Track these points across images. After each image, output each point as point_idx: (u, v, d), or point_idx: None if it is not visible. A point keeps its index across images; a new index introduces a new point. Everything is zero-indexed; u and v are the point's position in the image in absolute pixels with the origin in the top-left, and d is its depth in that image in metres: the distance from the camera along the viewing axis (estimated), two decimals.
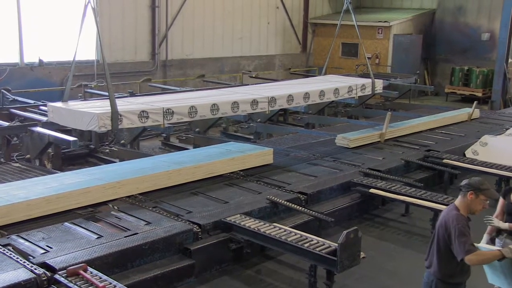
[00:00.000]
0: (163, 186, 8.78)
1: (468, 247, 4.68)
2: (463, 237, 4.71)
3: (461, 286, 4.98)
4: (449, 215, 4.91)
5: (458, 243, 4.73)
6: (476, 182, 4.89)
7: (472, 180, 4.93)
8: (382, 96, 19.21)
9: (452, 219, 4.82)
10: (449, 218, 4.86)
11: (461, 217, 4.83)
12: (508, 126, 14.50)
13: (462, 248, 4.71)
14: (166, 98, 11.53)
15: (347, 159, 11.01)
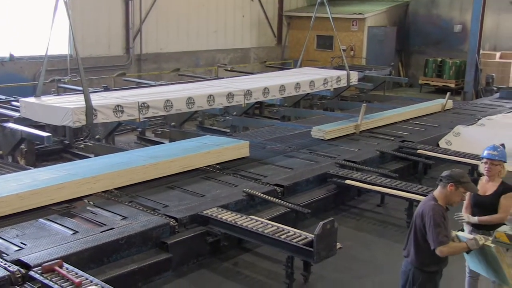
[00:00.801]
0: (139, 180, 8.73)
1: (441, 238, 4.75)
2: (437, 228, 4.77)
3: (438, 274, 5.05)
4: (426, 205, 4.97)
5: (432, 233, 4.80)
6: (457, 175, 4.94)
7: (454, 172, 4.97)
8: (357, 88, 19.36)
9: (429, 209, 4.88)
10: (426, 208, 4.92)
11: (437, 208, 4.89)
12: (480, 116, 14.73)
13: (435, 238, 4.78)
14: (141, 92, 11.46)
15: (323, 151, 11.08)
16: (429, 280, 4.97)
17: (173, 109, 10.32)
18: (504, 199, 5.71)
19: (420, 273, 4.96)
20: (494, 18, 22.40)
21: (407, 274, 5.06)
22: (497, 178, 5.86)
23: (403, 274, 5.13)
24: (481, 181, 5.96)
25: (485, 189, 5.86)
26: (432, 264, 4.93)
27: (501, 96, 18.82)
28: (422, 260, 4.93)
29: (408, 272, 5.04)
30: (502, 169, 5.86)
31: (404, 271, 5.13)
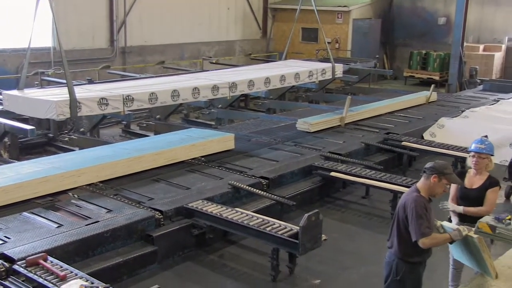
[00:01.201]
0: (124, 173, 8.70)
1: (423, 229, 4.77)
2: (419, 220, 4.79)
3: (421, 265, 5.08)
4: (409, 196, 5.00)
5: (414, 225, 4.82)
6: (440, 166, 4.95)
7: (437, 164, 4.98)
8: (342, 81, 19.38)
9: (411, 200, 4.91)
10: (408, 200, 4.95)
11: (420, 199, 4.91)
12: (464, 109, 14.83)
13: (418, 230, 4.80)
14: (126, 85, 11.43)
15: (308, 143, 11.10)
16: (412, 271, 4.99)
17: (158, 101, 10.30)
18: (490, 192, 5.76)
19: (403, 264, 4.99)
20: (477, 11, 22.53)
21: (390, 265, 5.09)
22: (484, 172, 5.90)
23: (387, 265, 5.16)
24: (468, 174, 5.99)
25: (472, 182, 5.90)
26: (415, 255, 4.96)
27: (485, 88, 18.98)
28: (405, 251, 4.96)
29: (392, 263, 5.07)
30: (490, 163, 5.90)
31: (387, 262, 5.16)
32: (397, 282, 5.01)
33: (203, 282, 6.72)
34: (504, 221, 4.18)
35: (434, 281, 6.29)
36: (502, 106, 15.49)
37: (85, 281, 5.01)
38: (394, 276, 5.04)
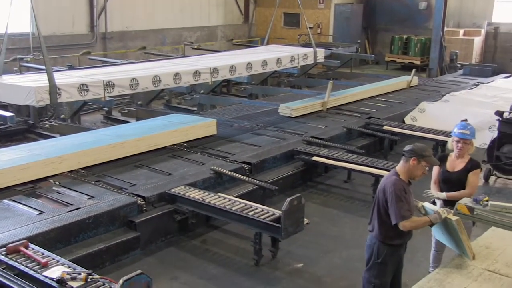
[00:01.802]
0: (106, 159, 8.66)
1: (403, 212, 4.81)
2: (399, 203, 4.83)
3: (402, 248, 5.14)
4: (388, 180, 5.03)
5: (394, 208, 4.86)
6: (419, 149, 4.98)
7: (416, 147, 5.01)
8: (324, 66, 19.40)
9: (391, 184, 4.94)
10: (388, 183, 4.98)
11: (399, 182, 4.94)
12: (444, 93, 14.95)
13: (398, 213, 4.84)
14: (106, 71, 11.33)
15: (290, 128, 11.12)
16: (393, 253, 5.05)
17: (139, 87, 10.22)
18: (472, 175, 5.82)
19: (384, 246, 5.04)
20: None
21: (372, 247, 5.14)
22: (466, 155, 5.95)
23: (368, 248, 5.21)
24: (450, 157, 6.02)
25: (453, 166, 5.95)
26: (396, 238, 5.01)
27: (465, 72, 19.12)
28: (386, 234, 5.00)
29: (373, 245, 5.12)
30: (471, 146, 5.95)
31: (369, 245, 5.21)
32: (379, 265, 5.07)
33: (186, 268, 6.73)
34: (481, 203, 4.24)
35: (415, 262, 6.37)
36: (481, 90, 15.65)
37: (67, 268, 4.98)
38: (376, 259, 5.09)
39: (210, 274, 6.59)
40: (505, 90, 15.40)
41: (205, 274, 6.59)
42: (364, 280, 5.25)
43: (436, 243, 6.06)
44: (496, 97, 14.34)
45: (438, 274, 4.34)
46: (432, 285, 4.13)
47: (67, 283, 4.66)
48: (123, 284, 4.24)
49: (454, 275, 4.34)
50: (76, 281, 4.70)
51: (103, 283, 4.73)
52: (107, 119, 13.55)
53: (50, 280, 4.73)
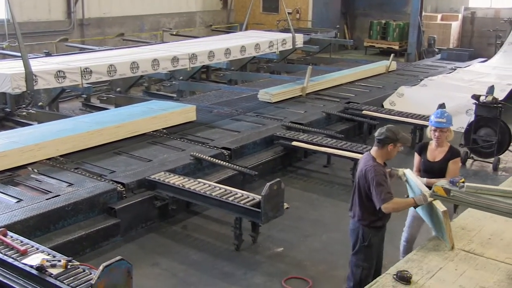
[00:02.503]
0: (85, 147, 8.59)
1: (384, 195, 4.87)
2: (380, 187, 4.89)
3: (383, 228, 5.24)
4: (367, 165, 5.07)
5: (376, 193, 4.92)
6: (392, 134, 5.04)
7: (389, 132, 5.05)
8: (303, 51, 19.40)
9: (371, 170, 4.99)
10: (367, 169, 5.03)
11: (378, 168, 5.01)
12: (422, 77, 15.06)
13: (379, 197, 4.90)
14: (84, 58, 11.24)
15: (269, 113, 11.14)
16: (377, 234, 5.17)
17: (117, 74, 10.16)
18: (452, 163, 5.80)
19: (369, 230, 5.12)
20: None
21: (356, 232, 5.19)
22: (446, 143, 5.91)
23: (353, 233, 5.26)
24: (430, 146, 5.97)
25: (434, 155, 5.91)
26: (379, 220, 5.10)
27: (442, 57, 19.26)
28: (370, 218, 5.08)
29: (357, 230, 5.17)
30: (450, 133, 5.90)
31: (352, 230, 5.25)
32: (365, 248, 5.15)
33: (166, 253, 6.74)
34: (458, 184, 4.30)
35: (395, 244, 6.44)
36: (459, 74, 15.80)
37: (46, 255, 4.95)
38: (362, 242, 5.15)
39: (191, 260, 6.61)
40: (481, 74, 15.59)
41: (186, 259, 6.61)
42: (351, 264, 5.30)
43: (407, 238, 6.07)
44: (473, 81, 14.51)
45: (415, 255, 4.41)
46: (410, 265, 4.20)
47: (47, 270, 4.63)
48: (103, 270, 4.23)
49: (431, 256, 4.41)
50: (56, 268, 4.67)
51: (83, 269, 4.71)
52: (85, 106, 13.42)
53: (30, 268, 4.70)
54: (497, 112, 9.64)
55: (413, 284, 3.96)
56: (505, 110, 9.99)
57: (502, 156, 10.10)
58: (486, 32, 21.40)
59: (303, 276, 6.22)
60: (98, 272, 4.23)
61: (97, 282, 4.19)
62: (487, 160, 10.00)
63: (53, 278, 4.55)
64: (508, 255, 4.42)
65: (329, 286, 6.06)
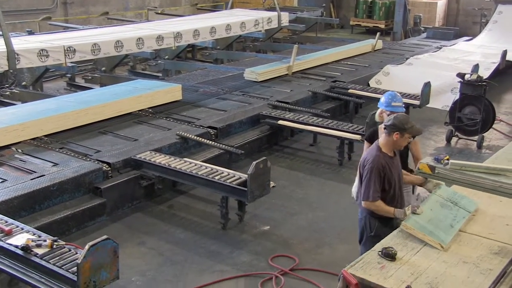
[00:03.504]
0: (70, 126, 8.51)
1: (371, 193, 4.77)
2: (370, 182, 4.79)
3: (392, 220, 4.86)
4: (369, 155, 4.96)
5: (365, 186, 4.84)
6: (400, 122, 4.83)
7: (397, 120, 4.85)
8: (290, 30, 19.34)
9: (371, 160, 4.87)
10: (369, 159, 4.91)
11: (379, 160, 4.83)
12: (408, 56, 15.09)
13: (366, 192, 4.82)
14: (67, 36, 11.11)
15: (255, 92, 11.12)
16: (385, 225, 4.90)
17: (101, 53, 10.06)
18: (413, 145, 5.62)
19: (374, 219, 4.97)
20: None
21: (363, 221, 5.09)
22: None
23: (360, 222, 5.16)
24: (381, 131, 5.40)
25: None
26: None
27: (428, 35, 19.31)
28: None
29: (364, 219, 5.07)
30: None
31: (360, 219, 5.15)
32: (372, 238, 4.91)
33: (153, 233, 6.75)
34: (442, 162, 4.33)
35: None
36: (444, 53, 15.85)
37: (32, 235, 4.94)
38: (369, 233, 5.02)
39: (177, 239, 6.63)
40: (466, 53, 15.65)
41: (172, 238, 6.63)
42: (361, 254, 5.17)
43: None
44: (458, 60, 14.58)
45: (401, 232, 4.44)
46: (395, 242, 4.24)
47: (32, 250, 4.63)
48: (89, 250, 4.22)
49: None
50: (42, 248, 4.67)
51: (69, 249, 4.71)
52: (70, 86, 13.27)
53: (15, 248, 4.69)
54: (481, 90, 9.69)
55: (398, 261, 3.99)
56: (489, 88, 10.06)
57: (486, 134, 10.20)
58: (471, 10, 21.44)
59: (290, 254, 6.26)
60: (84, 251, 4.23)
61: (83, 262, 4.19)
62: (472, 138, 10.07)
63: (38, 258, 4.55)
64: (490, 231, 4.47)
65: (315, 264, 6.09)
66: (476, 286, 3.69)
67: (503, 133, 10.74)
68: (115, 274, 4.50)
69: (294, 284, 5.74)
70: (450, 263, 4.00)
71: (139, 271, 5.90)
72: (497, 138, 10.51)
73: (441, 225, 4.40)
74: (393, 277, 3.81)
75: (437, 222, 4.43)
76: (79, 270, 4.19)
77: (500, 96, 13.66)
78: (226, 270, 5.95)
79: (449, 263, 3.99)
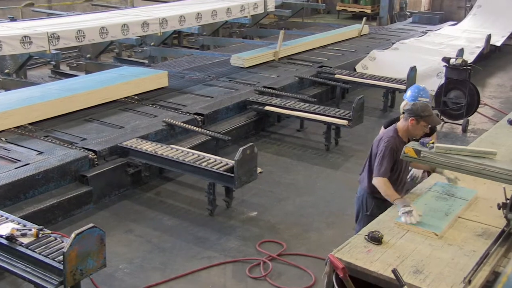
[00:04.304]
0: (55, 114, 8.44)
1: (383, 170, 4.75)
2: (383, 160, 4.78)
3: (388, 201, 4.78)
4: (386, 134, 4.95)
5: (377, 163, 4.83)
6: (418, 109, 4.79)
7: (415, 106, 4.82)
8: (276, 16, 19.26)
9: (387, 139, 4.87)
10: (385, 137, 4.90)
11: (395, 140, 4.83)
12: (394, 41, 15.10)
13: (378, 168, 4.81)
14: (51, 23, 10.98)
15: (242, 78, 11.08)
16: (381, 206, 4.88)
17: (85, 39, 9.95)
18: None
19: (372, 199, 5.00)
20: None
21: (360, 199, 5.11)
22: None
23: (357, 200, 5.18)
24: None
25: None
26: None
27: (414, 20, 19.36)
28: (373, 187, 4.92)
29: (362, 198, 5.09)
30: None
31: (358, 197, 5.18)
32: (367, 217, 4.94)
33: (140, 220, 6.73)
34: (428, 145, 4.34)
35: None
36: (430, 37, 15.90)
37: (17, 224, 4.91)
38: (365, 211, 5.05)
39: (165, 226, 6.61)
40: (452, 37, 15.71)
41: (160, 225, 6.61)
42: (355, 233, 5.16)
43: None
44: (443, 44, 14.63)
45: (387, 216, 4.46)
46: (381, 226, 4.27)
47: (17, 240, 4.60)
48: (75, 238, 4.21)
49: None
50: (27, 237, 4.65)
51: (55, 238, 4.69)
52: (55, 73, 13.16)
53: None
54: (466, 75, 9.72)
55: (384, 244, 4.02)
56: (474, 73, 10.11)
57: (471, 117, 10.26)
58: None
59: (277, 239, 6.28)
60: (70, 240, 4.21)
61: (69, 250, 4.17)
62: (457, 122, 10.13)
63: (23, 247, 4.53)
64: (475, 213, 4.51)
65: (302, 249, 6.12)
66: (460, 267, 3.73)
67: (487, 117, 10.81)
68: (102, 262, 4.50)
69: (281, 269, 5.76)
70: (436, 246, 4.03)
71: (127, 258, 5.89)
72: (481, 122, 10.57)
73: (435, 215, 4.42)
74: (379, 260, 3.83)
75: (431, 213, 4.45)
76: (65, 259, 4.17)
77: (485, 80, 13.74)
78: (214, 256, 5.96)
79: (435, 246, 4.02)
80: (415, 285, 3.54)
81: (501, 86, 13.48)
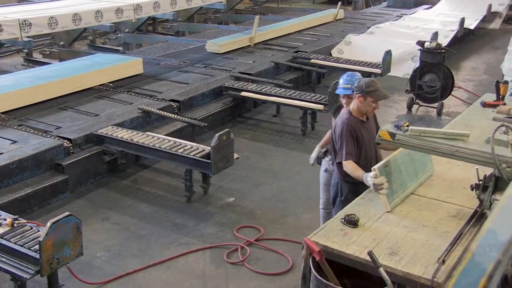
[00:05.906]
0: (28, 103, 8.34)
1: (345, 154, 4.74)
2: (343, 142, 4.78)
3: (360, 185, 4.73)
4: (340, 118, 4.95)
5: (339, 147, 4.85)
6: (362, 85, 4.73)
7: (360, 83, 4.77)
8: (251, 1, 19.22)
9: (341, 123, 4.87)
10: (339, 122, 4.91)
11: (348, 122, 4.81)
12: (369, 25, 15.15)
13: (340, 153, 4.83)
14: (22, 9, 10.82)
15: (218, 64, 11.04)
16: (354, 191, 4.86)
17: (58, 26, 9.83)
18: None
19: (346, 184, 4.97)
20: None
21: (335, 186, 5.09)
22: None
23: (333, 187, 5.16)
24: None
25: None
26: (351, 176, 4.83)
27: (389, 4, 19.41)
28: (343, 172, 4.89)
29: (336, 184, 5.07)
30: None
31: (333, 184, 5.16)
32: (342, 202, 4.90)
33: (117, 208, 6.70)
34: (402, 128, 4.37)
35: None
36: (404, 21, 15.97)
37: None
38: (340, 197, 5.03)
39: (142, 213, 6.60)
40: (426, 21, 15.81)
41: (137, 213, 6.59)
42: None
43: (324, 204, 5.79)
44: (418, 28, 14.72)
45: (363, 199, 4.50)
46: (357, 209, 4.30)
47: None
48: (51, 227, 4.18)
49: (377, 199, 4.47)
50: (2, 227, 4.62)
51: (31, 227, 4.67)
52: (27, 61, 12.96)
53: None
54: (440, 58, 9.81)
55: (360, 227, 4.06)
56: (448, 56, 10.19)
57: (446, 101, 10.36)
58: None
59: (255, 225, 6.30)
60: (45, 228, 4.19)
61: (45, 239, 4.15)
62: (432, 105, 10.22)
63: None
64: (449, 195, 4.57)
65: (280, 234, 6.15)
66: (435, 248, 3.78)
67: (461, 100, 10.94)
68: (79, 251, 4.48)
69: (259, 254, 5.80)
70: (411, 227, 4.09)
71: (104, 246, 5.87)
72: (456, 105, 10.69)
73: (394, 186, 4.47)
74: (355, 243, 3.87)
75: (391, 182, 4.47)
76: (42, 248, 4.15)
77: (459, 63, 13.87)
78: (191, 242, 5.97)
79: (410, 228, 4.08)
80: (390, 267, 3.59)
81: (474, 69, 13.63)
